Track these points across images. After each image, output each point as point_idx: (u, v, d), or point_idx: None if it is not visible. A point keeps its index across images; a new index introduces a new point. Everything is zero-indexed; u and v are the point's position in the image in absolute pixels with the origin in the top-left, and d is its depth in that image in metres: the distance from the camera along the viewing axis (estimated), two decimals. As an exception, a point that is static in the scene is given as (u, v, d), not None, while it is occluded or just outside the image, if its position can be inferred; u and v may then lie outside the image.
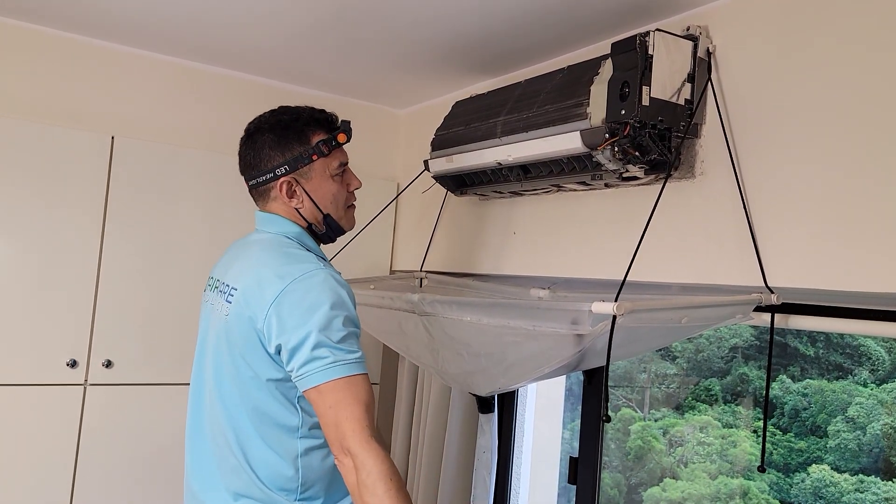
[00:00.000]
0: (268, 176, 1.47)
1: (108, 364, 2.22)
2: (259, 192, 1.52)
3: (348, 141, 1.52)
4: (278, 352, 1.33)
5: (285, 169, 1.46)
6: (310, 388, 1.30)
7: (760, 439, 1.52)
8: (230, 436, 1.41)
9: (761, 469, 1.49)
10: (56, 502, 2.15)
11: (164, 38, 2.24)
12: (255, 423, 1.39)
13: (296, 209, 1.49)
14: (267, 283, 1.35)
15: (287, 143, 1.47)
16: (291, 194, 1.48)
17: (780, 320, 1.52)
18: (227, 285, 1.45)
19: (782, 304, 1.48)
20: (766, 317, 1.51)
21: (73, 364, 2.18)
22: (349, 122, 1.54)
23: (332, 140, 1.49)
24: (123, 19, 2.11)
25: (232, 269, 1.47)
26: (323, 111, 1.53)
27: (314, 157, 1.47)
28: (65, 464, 2.17)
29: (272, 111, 1.52)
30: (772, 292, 1.46)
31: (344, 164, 1.54)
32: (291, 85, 2.63)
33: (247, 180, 1.53)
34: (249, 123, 1.53)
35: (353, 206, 1.59)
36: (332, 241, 1.58)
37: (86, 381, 2.20)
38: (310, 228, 1.53)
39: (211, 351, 1.47)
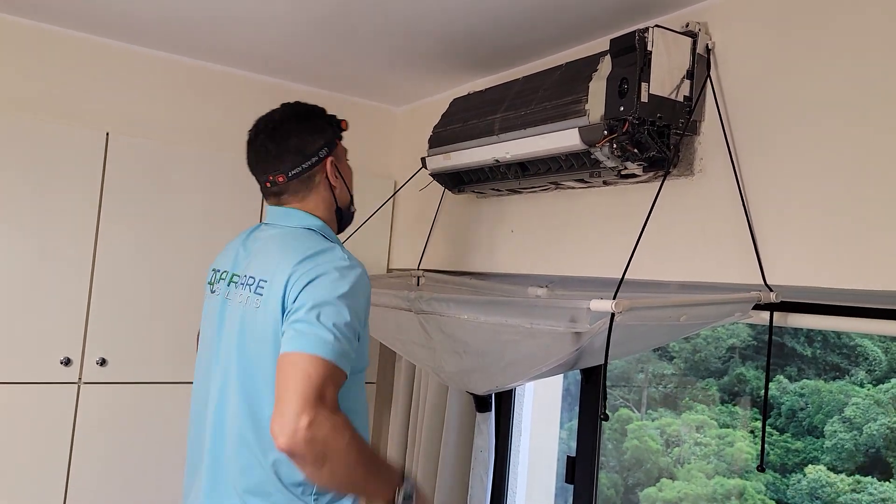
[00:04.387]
0: (314, 160, 1.47)
1: (103, 362, 2.21)
2: (301, 182, 1.48)
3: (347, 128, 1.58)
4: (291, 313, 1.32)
5: (326, 150, 1.50)
6: (301, 353, 1.25)
7: (757, 439, 1.51)
8: (250, 433, 1.37)
9: (760, 469, 1.48)
10: (50, 501, 2.14)
11: (160, 34, 2.23)
12: None
13: (333, 193, 1.52)
14: (302, 265, 1.34)
15: (319, 126, 1.51)
16: (336, 175, 1.51)
17: (779, 318, 1.52)
18: (253, 278, 1.41)
19: (781, 302, 1.47)
20: (765, 315, 1.51)
21: (67, 362, 2.16)
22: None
23: (338, 126, 1.55)
24: (119, 15, 2.10)
25: (255, 261, 1.44)
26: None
27: (337, 141, 1.54)
28: (58, 462, 2.15)
29: (284, 106, 1.53)
30: (770, 290, 1.45)
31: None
32: (288, 82, 2.62)
33: (282, 172, 1.46)
34: (263, 120, 1.51)
35: None
36: (349, 224, 1.63)
37: (80, 379, 2.19)
38: (334, 218, 1.55)
39: (234, 346, 1.41)
